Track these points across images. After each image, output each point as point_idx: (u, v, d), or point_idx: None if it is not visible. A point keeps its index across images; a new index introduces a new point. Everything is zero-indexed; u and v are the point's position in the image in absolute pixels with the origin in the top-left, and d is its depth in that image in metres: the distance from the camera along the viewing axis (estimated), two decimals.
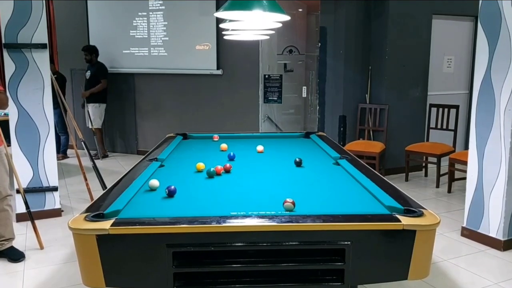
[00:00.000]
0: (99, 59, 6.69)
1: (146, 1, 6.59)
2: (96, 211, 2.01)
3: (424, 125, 5.90)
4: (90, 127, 6.74)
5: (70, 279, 3.08)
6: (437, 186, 5.37)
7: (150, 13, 6.62)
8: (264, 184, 2.63)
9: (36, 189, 4.21)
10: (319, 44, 5.81)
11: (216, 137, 4.01)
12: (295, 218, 1.95)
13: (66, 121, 5.70)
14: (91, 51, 6.59)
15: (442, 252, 3.55)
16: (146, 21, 6.66)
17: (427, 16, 5.85)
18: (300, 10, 6.55)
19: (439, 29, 6.01)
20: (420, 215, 1.97)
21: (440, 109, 5.69)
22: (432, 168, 5.69)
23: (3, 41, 4.03)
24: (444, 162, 5.32)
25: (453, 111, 5.61)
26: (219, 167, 2.81)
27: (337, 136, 5.87)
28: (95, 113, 6.69)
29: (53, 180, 4.28)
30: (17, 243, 3.71)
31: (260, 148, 3.51)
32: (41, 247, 3.60)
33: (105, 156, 6.91)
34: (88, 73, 6.64)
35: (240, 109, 6.38)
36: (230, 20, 3.10)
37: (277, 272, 1.97)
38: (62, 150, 6.71)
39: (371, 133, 5.94)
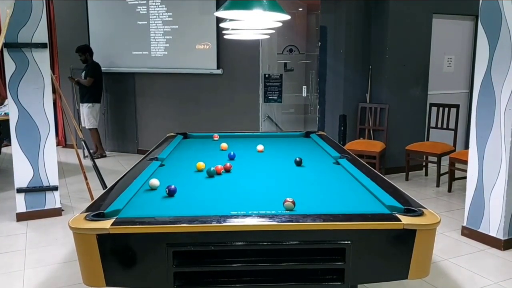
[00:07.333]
0: (97, 57, 6.68)
1: (146, 0, 6.60)
2: (96, 211, 2.01)
3: (424, 124, 5.90)
4: (85, 126, 6.74)
5: (71, 279, 3.08)
6: (437, 186, 5.37)
7: (150, 12, 6.61)
8: (264, 184, 2.63)
9: (36, 189, 4.21)
10: (319, 43, 5.81)
11: (216, 136, 4.01)
12: (295, 217, 1.94)
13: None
14: (84, 51, 6.59)
15: (442, 252, 3.55)
16: (146, 20, 6.66)
17: (427, 15, 5.84)
18: (300, 9, 6.55)
19: (439, 28, 6.00)
20: (420, 214, 1.97)
21: (441, 109, 5.69)
22: (432, 167, 5.69)
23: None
24: (444, 162, 5.32)
25: (453, 110, 5.61)
26: (219, 166, 2.80)
27: (337, 135, 5.87)
28: (88, 114, 6.67)
29: (53, 180, 4.28)
30: (17, 243, 3.72)
31: (260, 147, 3.50)
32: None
33: (102, 156, 6.87)
34: (83, 74, 6.64)
35: (240, 109, 6.38)
36: (230, 20, 3.10)
37: (277, 271, 1.97)
38: None
39: (371, 133, 5.94)
